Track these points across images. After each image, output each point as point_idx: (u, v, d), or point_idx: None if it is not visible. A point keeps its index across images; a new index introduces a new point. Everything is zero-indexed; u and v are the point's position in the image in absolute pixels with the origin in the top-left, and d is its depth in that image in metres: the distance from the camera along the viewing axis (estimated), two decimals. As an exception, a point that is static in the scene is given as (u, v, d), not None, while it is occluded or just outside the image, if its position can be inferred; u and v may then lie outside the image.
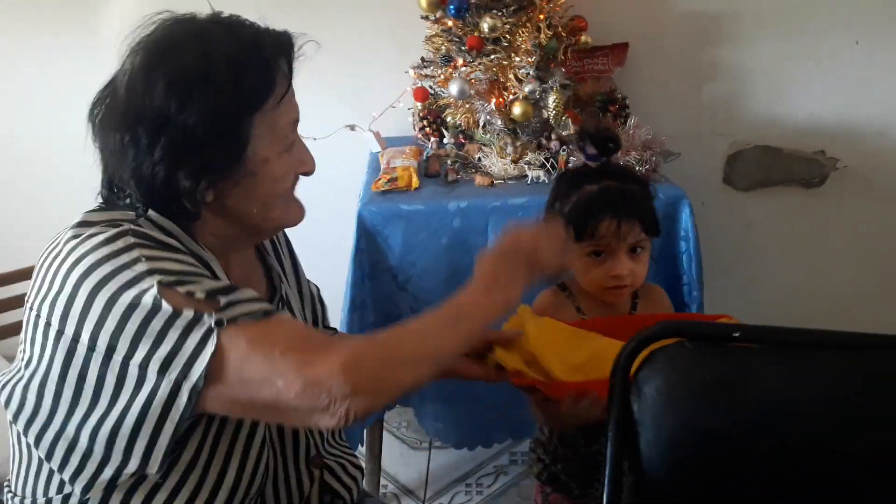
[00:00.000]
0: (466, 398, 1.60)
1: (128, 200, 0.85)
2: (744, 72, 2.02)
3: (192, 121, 0.78)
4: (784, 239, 2.18)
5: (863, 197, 2.12)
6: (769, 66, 2.01)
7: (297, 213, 0.93)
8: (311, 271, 1.16)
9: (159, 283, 0.74)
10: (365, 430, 1.67)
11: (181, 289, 0.75)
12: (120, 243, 0.77)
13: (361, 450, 1.72)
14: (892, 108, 2.03)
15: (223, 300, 0.75)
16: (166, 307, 0.73)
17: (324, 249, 2.03)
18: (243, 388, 0.74)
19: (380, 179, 1.58)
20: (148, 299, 0.73)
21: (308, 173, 0.92)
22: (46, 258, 0.81)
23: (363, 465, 1.73)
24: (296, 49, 0.87)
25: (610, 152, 1.16)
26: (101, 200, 0.88)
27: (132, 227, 0.80)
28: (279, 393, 0.72)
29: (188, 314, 0.74)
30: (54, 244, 0.82)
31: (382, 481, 1.83)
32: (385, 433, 1.82)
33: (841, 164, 2.10)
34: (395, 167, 1.61)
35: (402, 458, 1.99)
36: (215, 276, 0.84)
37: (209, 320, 0.73)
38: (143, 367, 0.74)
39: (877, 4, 1.95)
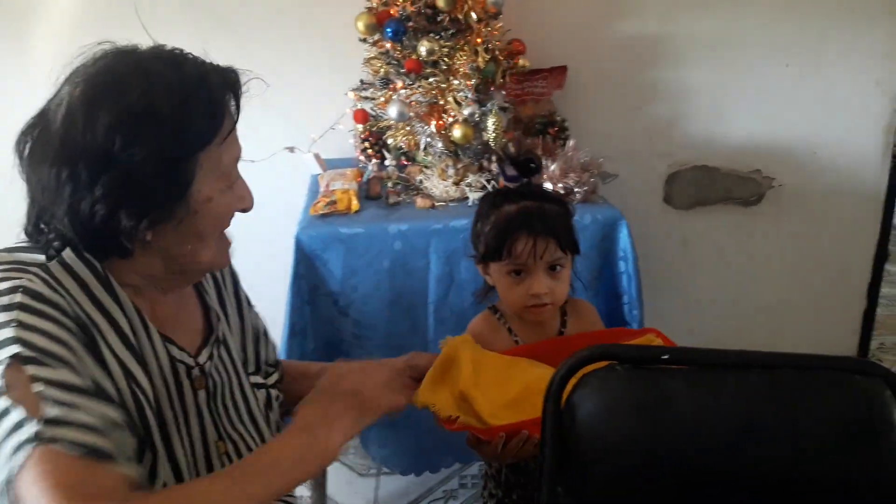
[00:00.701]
0: (411, 423, 1.57)
1: (51, 236, 0.81)
2: (681, 94, 2.07)
3: (137, 159, 0.75)
4: (723, 256, 2.23)
5: (798, 214, 2.19)
6: (706, 88, 2.06)
7: (224, 257, 0.91)
8: (251, 298, 1.13)
9: (13, 356, 0.71)
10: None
11: (31, 369, 0.71)
12: (4, 300, 0.74)
13: (303, 480, 1.67)
14: (821, 127, 2.11)
15: (53, 412, 0.70)
16: (2, 399, 0.70)
17: (263, 275, 1.97)
18: None
19: (318, 203, 1.56)
20: None
21: (246, 210, 0.90)
22: None
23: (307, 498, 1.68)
24: (242, 85, 0.85)
25: (531, 173, 1.17)
26: (23, 235, 0.84)
27: (26, 284, 0.76)
28: None
29: (15, 415, 0.70)
30: None
31: (328, 511, 1.79)
32: (330, 461, 1.77)
33: (776, 182, 2.16)
34: (334, 190, 1.59)
35: (349, 485, 1.94)
36: (119, 330, 0.80)
37: (29, 430, 0.69)
38: None
39: (805, 29, 2.03)
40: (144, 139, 0.75)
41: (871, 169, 2.19)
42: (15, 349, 0.71)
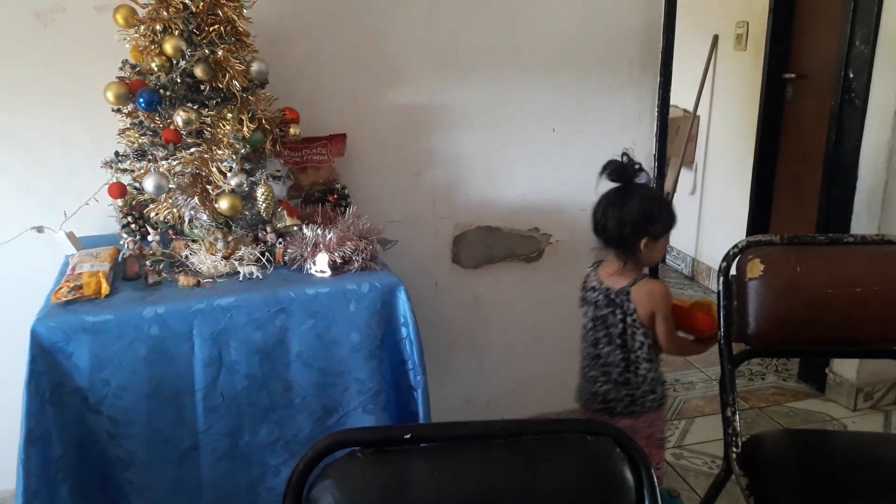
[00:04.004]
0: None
1: None
2: (458, 159, 2.14)
3: None
4: (510, 309, 2.31)
5: (575, 267, 2.32)
6: (480, 153, 2.16)
7: None
8: None
9: None
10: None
11: None
12: None
13: None
14: (587, 186, 2.27)
15: None
16: None
17: (4, 375, 1.74)
18: None
19: (61, 288, 1.39)
20: None
21: None
22: None
23: None
24: None
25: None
26: None
27: None
28: None
29: None
30: None
31: None
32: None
33: (553, 238, 2.29)
34: (80, 273, 1.43)
35: None
36: None
37: None
38: None
39: (567, 97, 2.20)
40: None
41: (635, 222, 2.40)
42: None
